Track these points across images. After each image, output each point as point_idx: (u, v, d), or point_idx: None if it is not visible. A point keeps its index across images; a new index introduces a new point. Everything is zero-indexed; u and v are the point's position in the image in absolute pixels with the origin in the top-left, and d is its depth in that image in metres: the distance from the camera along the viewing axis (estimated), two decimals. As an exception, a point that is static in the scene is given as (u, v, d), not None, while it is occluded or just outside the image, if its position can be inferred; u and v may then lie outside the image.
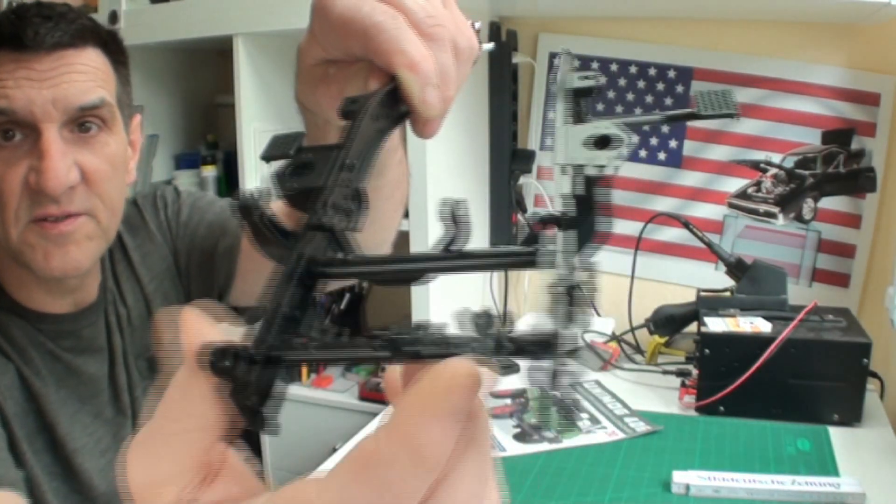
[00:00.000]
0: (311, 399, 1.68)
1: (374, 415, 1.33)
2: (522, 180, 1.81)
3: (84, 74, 0.74)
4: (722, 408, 1.24)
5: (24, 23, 0.72)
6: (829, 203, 1.61)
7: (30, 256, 0.74)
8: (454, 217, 0.29)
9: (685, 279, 1.70)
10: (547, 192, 1.80)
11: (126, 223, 0.91)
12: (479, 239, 1.77)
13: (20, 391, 0.78)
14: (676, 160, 1.70)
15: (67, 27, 0.74)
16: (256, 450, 1.77)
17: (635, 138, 0.33)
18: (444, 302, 1.57)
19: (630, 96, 1.71)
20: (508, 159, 1.76)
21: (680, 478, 1.00)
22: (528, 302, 1.87)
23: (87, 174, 0.75)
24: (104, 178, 0.76)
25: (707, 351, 1.24)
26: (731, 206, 1.67)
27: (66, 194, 0.73)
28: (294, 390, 1.71)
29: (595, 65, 1.73)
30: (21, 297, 0.80)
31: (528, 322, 1.76)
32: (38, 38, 0.72)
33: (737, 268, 1.39)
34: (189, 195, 0.98)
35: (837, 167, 1.59)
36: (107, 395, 0.87)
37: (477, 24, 0.49)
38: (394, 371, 0.31)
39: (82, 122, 0.75)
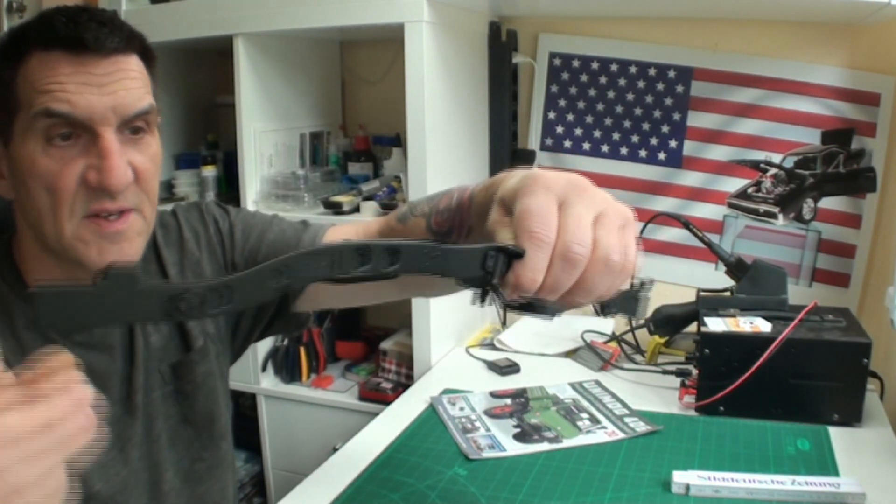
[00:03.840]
0: (311, 399, 1.68)
1: (375, 415, 1.33)
2: (522, 180, 1.81)
3: (135, 81, 0.79)
4: (722, 408, 1.24)
5: (80, 27, 0.75)
6: (829, 203, 1.61)
7: (83, 252, 0.78)
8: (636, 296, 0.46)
9: (685, 279, 1.70)
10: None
11: (163, 231, 0.96)
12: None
13: None
14: (676, 160, 1.70)
15: (120, 33, 0.78)
16: (256, 450, 1.77)
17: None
18: (444, 302, 1.57)
19: (630, 96, 1.71)
20: (508, 159, 1.76)
21: (680, 478, 1.00)
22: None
23: (138, 173, 0.79)
24: (150, 177, 0.82)
25: (707, 351, 1.24)
26: (731, 206, 1.67)
27: (121, 191, 0.78)
28: (294, 390, 1.71)
29: (595, 65, 1.73)
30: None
31: (527, 321, 1.76)
32: (99, 42, 0.76)
33: (737, 268, 1.39)
34: (237, 212, 1.03)
35: (837, 167, 1.59)
36: (117, 394, 0.88)
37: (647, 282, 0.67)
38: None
39: (133, 125, 0.79)
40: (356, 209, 1.60)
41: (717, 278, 1.58)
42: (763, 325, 1.25)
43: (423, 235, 0.88)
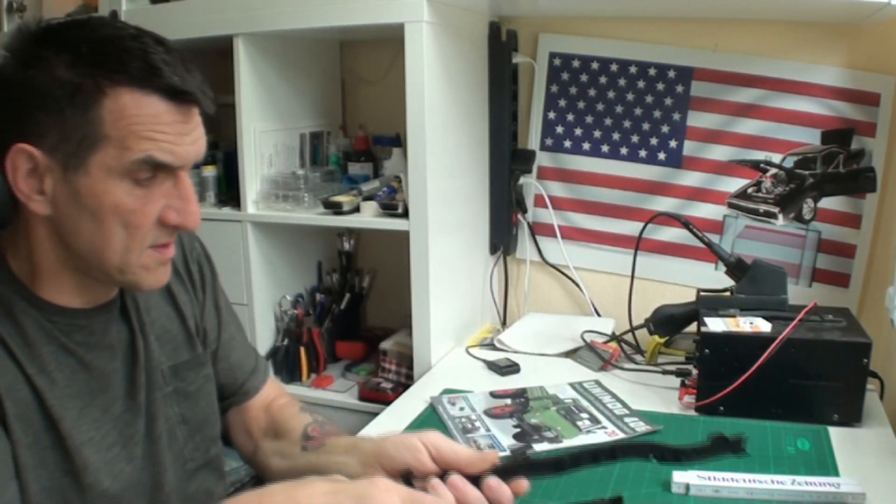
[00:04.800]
0: (311, 399, 1.68)
1: (375, 415, 1.33)
2: (522, 180, 1.81)
3: (203, 127, 0.83)
4: (722, 408, 1.24)
5: (185, 79, 0.77)
6: (829, 203, 1.61)
7: (142, 276, 0.83)
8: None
9: (685, 279, 1.70)
10: (547, 191, 1.81)
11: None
12: (478, 239, 1.77)
13: (24, 390, 0.79)
14: (676, 160, 1.70)
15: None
16: (256, 450, 1.77)
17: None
18: (444, 302, 1.57)
19: (630, 96, 1.71)
20: (508, 159, 1.76)
21: (680, 478, 1.00)
22: (529, 302, 1.88)
23: None
24: None
25: (707, 351, 1.24)
26: (731, 206, 1.67)
27: None
28: (294, 390, 1.71)
29: (595, 65, 1.73)
30: (47, 292, 0.83)
31: (527, 321, 1.76)
32: (202, 99, 0.79)
33: (737, 268, 1.39)
34: (222, 293, 1.10)
35: (837, 167, 1.59)
36: (120, 392, 0.89)
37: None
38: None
39: None
40: (356, 209, 1.60)
41: (717, 278, 1.58)
42: (763, 325, 1.25)
43: (298, 430, 1.05)
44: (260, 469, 1.10)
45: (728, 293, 1.39)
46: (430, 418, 1.27)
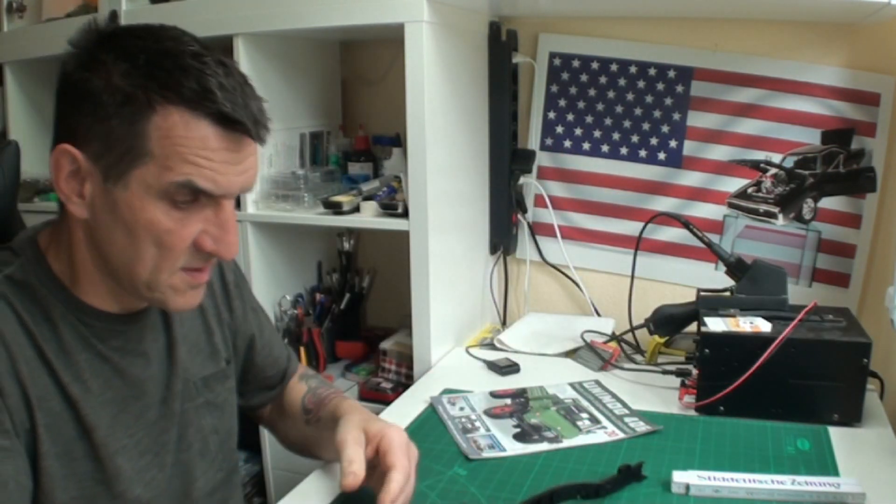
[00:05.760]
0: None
1: (375, 414, 1.33)
2: (522, 180, 1.81)
3: (255, 157, 0.80)
4: (722, 408, 1.24)
5: (238, 108, 0.74)
6: (829, 203, 1.61)
7: (171, 298, 0.81)
8: None
9: (685, 279, 1.70)
10: (547, 191, 1.81)
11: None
12: (478, 239, 1.77)
13: (57, 399, 0.78)
14: (676, 160, 1.70)
15: (267, 119, 0.78)
16: (256, 450, 1.77)
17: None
18: (444, 302, 1.57)
19: (630, 96, 1.71)
20: (508, 159, 1.76)
21: (680, 478, 1.00)
22: (529, 302, 1.88)
23: None
24: None
25: (707, 351, 1.24)
26: (731, 206, 1.67)
27: None
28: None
29: (595, 65, 1.73)
30: (86, 294, 0.82)
31: (527, 321, 1.76)
32: (255, 131, 0.76)
33: (737, 268, 1.39)
34: (251, 293, 1.12)
35: (837, 167, 1.59)
36: (155, 398, 0.89)
37: None
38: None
39: None
40: (356, 209, 1.60)
41: (717, 278, 1.58)
42: (763, 325, 1.25)
43: (298, 402, 1.12)
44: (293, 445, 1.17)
45: (728, 293, 1.39)
46: (430, 418, 1.27)
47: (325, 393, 1.12)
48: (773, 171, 1.63)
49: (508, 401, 1.33)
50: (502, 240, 1.82)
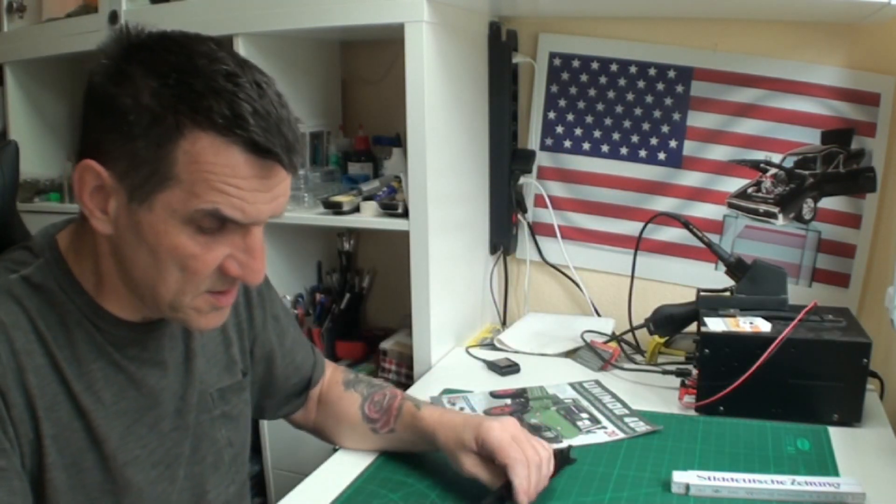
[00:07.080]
0: (311, 399, 1.68)
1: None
2: (522, 180, 1.81)
3: (288, 185, 0.77)
4: (722, 408, 1.24)
5: (271, 135, 0.71)
6: (829, 203, 1.61)
7: (193, 317, 0.79)
8: None
9: (685, 279, 1.70)
10: (547, 191, 1.81)
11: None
12: (478, 239, 1.77)
13: (66, 408, 0.77)
14: (676, 160, 1.70)
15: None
16: (257, 450, 1.77)
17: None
18: (444, 302, 1.57)
19: (630, 96, 1.71)
20: (508, 159, 1.76)
21: (680, 478, 1.00)
22: (529, 302, 1.88)
23: None
24: None
25: (707, 351, 1.24)
26: (731, 206, 1.67)
27: None
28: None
29: (595, 65, 1.73)
30: (109, 303, 0.81)
31: (527, 321, 1.76)
32: (288, 162, 0.73)
33: (737, 268, 1.39)
34: (277, 299, 1.11)
35: (837, 167, 1.59)
36: (170, 409, 0.87)
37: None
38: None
39: None
40: (356, 209, 1.60)
41: (717, 278, 1.58)
42: (763, 325, 1.25)
43: (356, 413, 1.12)
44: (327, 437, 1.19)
45: (728, 293, 1.39)
46: (430, 418, 1.27)
47: (385, 400, 1.11)
48: (772, 171, 1.63)
49: (508, 401, 1.33)
50: (502, 240, 1.82)
